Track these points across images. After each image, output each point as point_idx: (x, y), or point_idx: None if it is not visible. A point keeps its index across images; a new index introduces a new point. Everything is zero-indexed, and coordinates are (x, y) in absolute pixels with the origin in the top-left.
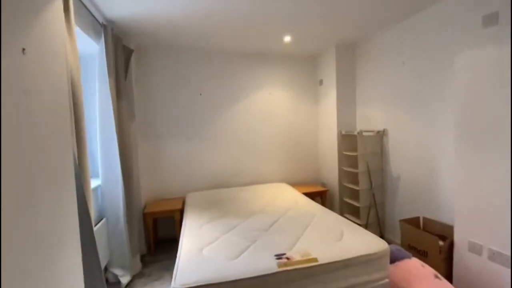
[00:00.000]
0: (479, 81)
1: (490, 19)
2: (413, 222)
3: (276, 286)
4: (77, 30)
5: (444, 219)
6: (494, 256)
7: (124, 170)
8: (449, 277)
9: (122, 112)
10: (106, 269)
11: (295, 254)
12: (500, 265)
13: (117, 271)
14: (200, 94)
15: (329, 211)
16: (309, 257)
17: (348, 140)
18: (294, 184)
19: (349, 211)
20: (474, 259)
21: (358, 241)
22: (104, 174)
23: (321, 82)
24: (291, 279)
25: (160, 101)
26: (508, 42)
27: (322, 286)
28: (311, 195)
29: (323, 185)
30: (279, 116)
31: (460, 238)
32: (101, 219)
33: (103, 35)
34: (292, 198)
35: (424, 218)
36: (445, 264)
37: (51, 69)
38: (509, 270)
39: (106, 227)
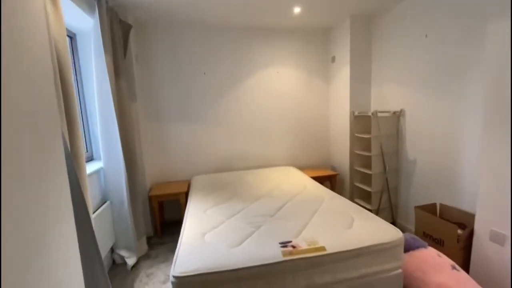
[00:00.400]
0: None
1: None
2: (429, 208)
3: (280, 275)
4: (68, 2)
5: (463, 206)
6: None
7: (125, 152)
8: (465, 267)
9: (122, 92)
10: (112, 250)
11: (302, 242)
12: None
13: (123, 253)
14: (204, 73)
15: (339, 196)
16: (317, 245)
17: (361, 122)
18: (303, 168)
19: (360, 196)
20: (496, 249)
21: (370, 229)
22: (105, 156)
23: (333, 59)
24: (296, 268)
25: (163, 81)
26: None
27: (331, 276)
28: (320, 179)
29: (333, 169)
30: (288, 96)
31: (481, 227)
32: (105, 202)
33: (97, 8)
34: (300, 182)
35: (441, 205)
36: (462, 254)
37: (28, 40)
38: None
39: (110, 209)
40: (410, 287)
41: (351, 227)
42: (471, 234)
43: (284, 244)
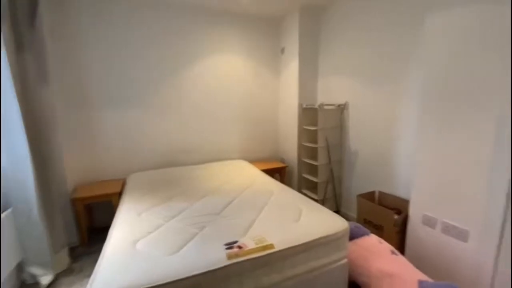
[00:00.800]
0: (451, 45)
1: None
2: (369, 196)
3: (225, 281)
4: None
5: (399, 193)
6: (447, 229)
7: (33, 145)
8: (402, 250)
9: (27, 70)
10: (20, 268)
11: (249, 241)
12: (452, 237)
13: (35, 270)
14: (143, 55)
15: (288, 188)
16: (264, 243)
17: (309, 114)
18: (254, 161)
19: (307, 186)
20: (428, 232)
21: (317, 221)
22: (4, 151)
23: (283, 51)
24: (242, 271)
25: (91, 61)
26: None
27: (279, 274)
28: (270, 172)
29: (283, 161)
30: (238, 86)
31: (415, 212)
32: (7, 209)
33: None
34: (250, 176)
35: (380, 192)
36: (399, 238)
37: None
38: (462, 242)
39: (13, 218)
40: (354, 275)
41: (299, 220)
42: (406, 218)
43: (229, 246)
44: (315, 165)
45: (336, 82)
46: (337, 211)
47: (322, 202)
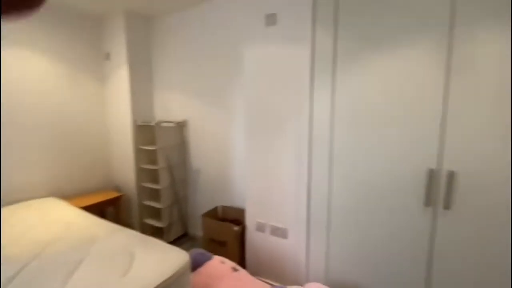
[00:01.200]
0: (263, 75)
1: (270, 19)
2: (213, 212)
3: None
4: None
5: (239, 204)
6: (274, 231)
7: None
8: (243, 257)
9: None
10: None
11: None
12: (277, 237)
13: None
14: None
15: (118, 228)
16: None
17: (145, 132)
18: (75, 196)
19: (150, 214)
20: (261, 236)
21: (153, 265)
22: None
23: (107, 56)
24: None
25: None
26: (284, 42)
27: None
28: (99, 206)
29: (118, 189)
30: (42, 95)
31: (250, 220)
32: None
33: None
34: (60, 222)
35: (223, 207)
36: (241, 249)
37: None
38: (284, 239)
39: None
40: None
41: (129, 271)
42: (244, 228)
43: None
44: (157, 188)
45: (175, 98)
46: (185, 234)
47: (169, 228)
